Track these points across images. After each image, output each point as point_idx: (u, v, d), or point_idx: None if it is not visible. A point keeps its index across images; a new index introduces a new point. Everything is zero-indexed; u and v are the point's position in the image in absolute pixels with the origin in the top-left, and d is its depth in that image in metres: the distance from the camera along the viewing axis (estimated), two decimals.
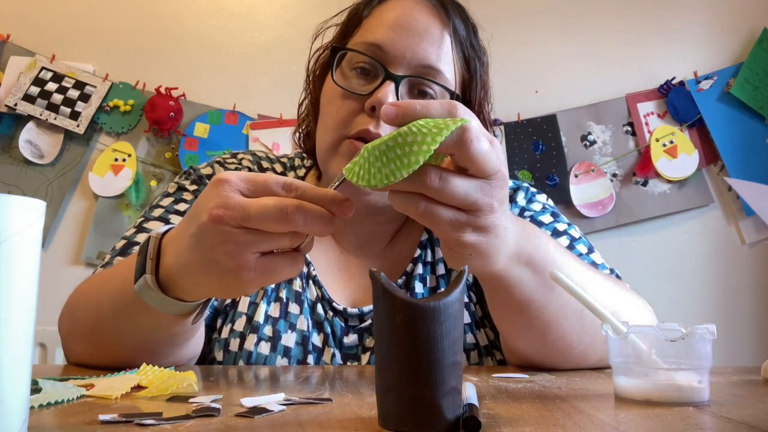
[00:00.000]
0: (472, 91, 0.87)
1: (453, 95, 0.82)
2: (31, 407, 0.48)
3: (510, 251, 0.63)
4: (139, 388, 0.57)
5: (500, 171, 0.55)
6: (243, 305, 0.86)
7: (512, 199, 0.95)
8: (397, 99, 0.79)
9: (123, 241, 0.88)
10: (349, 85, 0.82)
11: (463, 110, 0.53)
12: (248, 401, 0.50)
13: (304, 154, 1.00)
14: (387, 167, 0.50)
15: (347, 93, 0.82)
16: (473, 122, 0.53)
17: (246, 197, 0.55)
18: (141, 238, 0.86)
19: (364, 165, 0.51)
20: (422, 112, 0.52)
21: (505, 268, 0.64)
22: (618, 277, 0.91)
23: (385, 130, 0.79)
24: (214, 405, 0.49)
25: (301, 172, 0.98)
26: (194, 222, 0.57)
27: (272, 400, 0.51)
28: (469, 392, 0.49)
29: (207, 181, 0.93)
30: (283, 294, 0.87)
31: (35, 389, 0.54)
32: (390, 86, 0.79)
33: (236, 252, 0.55)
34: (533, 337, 0.73)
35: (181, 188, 0.93)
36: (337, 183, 0.57)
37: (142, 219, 0.89)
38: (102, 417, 0.44)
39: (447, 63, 0.82)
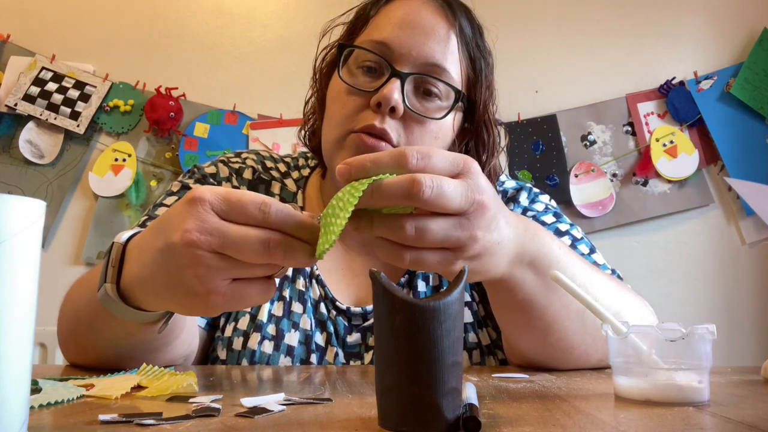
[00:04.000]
0: (477, 91, 0.87)
1: (458, 93, 0.82)
2: (31, 407, 0.48)
3: (510, 256, 0.63)
4: (139, 388, 0.57)
5: (474, 202, 0.54)
6: None
7: (515, 200, 0.95)
8: (402, 96, 0.79)
9: None
10: (355, 82, 0.82)
11: (413, 157, 0.51)
12: (248, 401, 0.50)
13: (309, 154, 1.00)
14: (325, 235, 0.50)
15: (353, 90, 0.82)
16: (434, 160, 0.52)
17: (222, 219, 0.52)
18: None
19: (322, 234, 0.51)
20: (374, 169, 0.51)
21: (507, 272, 0.64)
22: (619, 277, 0.91)
23: (391, 126, 0.79)
24: (214, 405, 0.49)
25: (306, 171, 0.99)
26: (162, 237, 0.54)
27: (272, 400, 0.51)
28: (469, 392, 0.49)
29: (211, 180, 0.93)
30: (286, 293, 0.87)
31: (35, 389, 0.54)
32: (395, 83, 0.79)
33: (207, 277, 0.52)
34: (535, 337, 0.73)
35: (185, 187, 0.93)
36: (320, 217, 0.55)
37: (146, 217, 0.90)
38: (102, 417, 0.44)
39: (453, 62, 0.82)
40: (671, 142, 2.25)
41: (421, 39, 0.81)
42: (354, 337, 0.86)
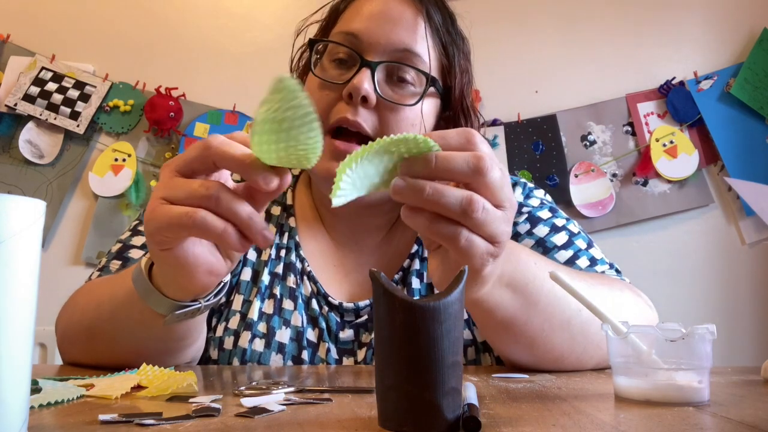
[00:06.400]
0: (452, 77, 0.87)
1: (429, 78, 0.82)
2: (31, 407, 0.48)
3: (495, 276, 0.62)
4: (139, 388, 0.57)
5: (512, 198, 0.55)
6: (237, 303, 0.87)
7: None
8: (374, 85, 0.79)
9: (118, 245, 0.88)
10: (327, 76, 0.83)
11: (479, 139, 0.52)
12: (248, 401, 0.50)
13: None
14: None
15: (326, 83, 0.82)
16: (485, 148, 0.52)
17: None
18: (135, 241, 0.86)
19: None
20: (442, 164, 0.51)
21: (487, 292, 0.63)
22: (618, 271, 0.91)
23: (364, 117, 0.80)
24: (214, 405, 0.49)
25: (296, 170, 0.99)
26: None
27: (272, 400, 0.51)
28: (469, 392, 0.50)
29: None
30: (277, 290, 0.87)
31: (35, 389, 0.54)
32: (366, 73, 0.79)
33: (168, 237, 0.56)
34: (522, 350, 0.73)
35: None
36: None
37: (137, 222, 0.90)
38: (102, 417, 0.44)
39: (423, 46, 0.83)
40: (671, 142, 2.25)
41: (389, 27, 0.82)
42: (347, 333, 0.86)
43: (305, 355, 0.84)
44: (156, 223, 0.54)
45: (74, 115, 2.21)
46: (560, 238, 0.89)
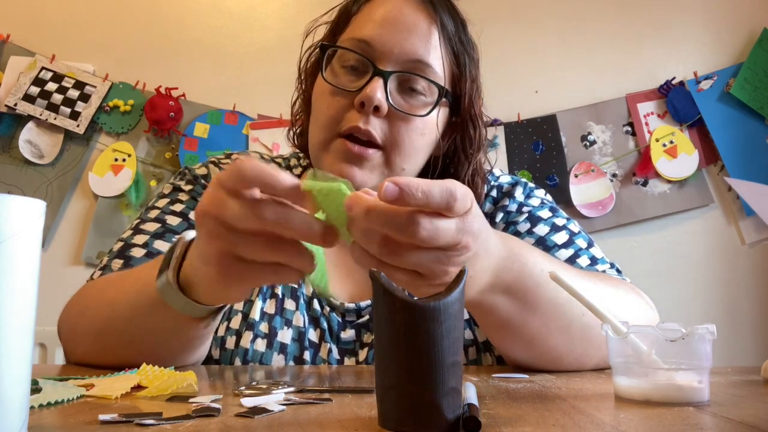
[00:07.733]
0: (461, 86, 0.87)
1: (442, 90, 0.82)
2: (31, 407, 0.48)
3: (482, 283, 0.61)
4: (139, 388, 0.57)
5: (468, 211, 0.52)
6: (238, 303, 0.87)
7: (510, 195, 0.95)
8: (386, 95, 0.79)
9: (120, 243, 0.88)
10: (338, 82, 0.82)
11: (461, 193, 0.50)
12: (248, 401, 0.50)
13: (301, 154, 1.00)
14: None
15: (337, 90, 0.82)
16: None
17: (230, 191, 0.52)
18: (137, 239, 0.86)
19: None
20: (423, 199, 0.48)
21: (476, 300, 0.63)
22: (618, 271, 0.91)
23: (375, 126, 0.79)
24: (214, 405, 0.49)
25: (298, 171, 0.99)
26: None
27: (272, 400, 0.51)
28: (469, 392, 0.50)
29: (202, 181, 0.93)
30: (278, 290, 0.87)
31: (35, 389, 0.54)
32: (378, 82, 0.79)
33: (217, 247, 0.54)
34: (519, 349, 0.73)
35: (177, 189, 0.93)
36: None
37: (138, 221, 0.90)
38: (102, 417, 0.44)
39: (436, 57, 0.82)
40: (671, 142, 2.25)
41: (403, 36, 0.81)
42: (348, 334, 0.86)
43: (307, 355, 0.84)
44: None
45: (74, 115, 2.21)
46: (560, 237, 0.89)
